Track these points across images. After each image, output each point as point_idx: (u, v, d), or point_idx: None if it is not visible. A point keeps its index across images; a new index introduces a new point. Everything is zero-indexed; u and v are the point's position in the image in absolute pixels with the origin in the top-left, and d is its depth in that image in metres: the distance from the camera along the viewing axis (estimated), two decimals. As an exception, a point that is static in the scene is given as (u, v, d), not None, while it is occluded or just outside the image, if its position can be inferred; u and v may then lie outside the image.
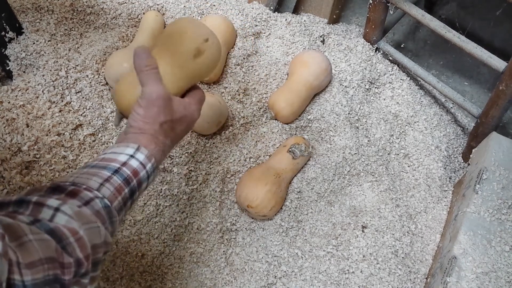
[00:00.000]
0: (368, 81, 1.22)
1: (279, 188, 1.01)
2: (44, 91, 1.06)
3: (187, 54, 0.73)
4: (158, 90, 0.68)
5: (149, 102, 0.67)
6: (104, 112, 1.08)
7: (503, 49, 1.37)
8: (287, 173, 1.04)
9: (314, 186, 1.07)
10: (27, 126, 1.02)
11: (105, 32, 1.22)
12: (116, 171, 0.62)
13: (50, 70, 1.08)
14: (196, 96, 0.76)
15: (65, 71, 1.09)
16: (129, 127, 0.68)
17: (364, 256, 1.02)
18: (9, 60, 1.10)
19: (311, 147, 1.09)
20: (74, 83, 1.09)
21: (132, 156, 0.64)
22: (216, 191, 1.04)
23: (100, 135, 1.06)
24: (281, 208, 1.05)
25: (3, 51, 1.10)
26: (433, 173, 1.15)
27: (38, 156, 1.00)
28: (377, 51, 1.29)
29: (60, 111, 1.06)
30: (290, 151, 1.05)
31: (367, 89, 1.22)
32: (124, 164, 0.63)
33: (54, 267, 0.49)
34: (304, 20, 1.32)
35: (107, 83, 1.12)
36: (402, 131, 1.20)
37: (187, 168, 1.04)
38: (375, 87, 1.24)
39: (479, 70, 1.39)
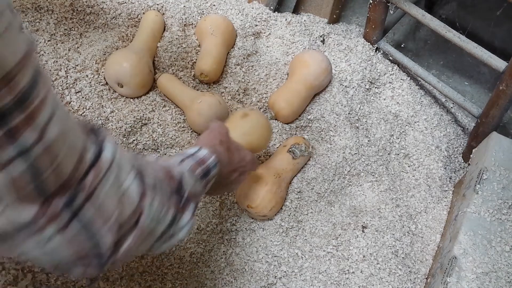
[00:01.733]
0: (368, 81, 1.22)
1: (279, 188, 1.01)
2: (44, 91, 1.06)
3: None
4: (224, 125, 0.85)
5: (213, 128, 0.82)
6: (104, 112, 1.08)
7: (503, 49, 1.36)
8: (287, 173, 1.04)
9: (314, 186, 1.07)
10: (27, 126, 1.02)
11: (105, 32, 1.22)
12: (188, 157, 0.69)
13: (50, 70, 1.08)
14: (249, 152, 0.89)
15: (65, 71, 1.09)
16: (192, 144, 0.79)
17: (364, 256, 1.02)
18: (9, 60, 1.10)
19: (311, 147, 1.09)
20: (74, 83, 1.09)
21: (197, 151, 0.72)
22: (216, 191, 1.04)
23: (100, 135, 1.06)
24: (281, 208, 1.04)
25: (2, 51, 1.09)
26: (433, 173, 1.15)
27: (37, 156, 1.00)
28: (377, 51, 1.29)
29: (60, 111, 1.05)
30: (290, 151, 1.05)
31: (367, 89, 1.22)
32: (193, 154, 0.71)
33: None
34: (304, 20, 1.32)
35: (107, 83, 1.12)
36: (402, 131, 1.20)
37: (187, 168, 1.04)
38: (375, 87, 1.24)
39: (479, 70, 1.39)
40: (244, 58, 1.21)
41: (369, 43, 1.28)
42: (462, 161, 1.20)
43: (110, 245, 0.46)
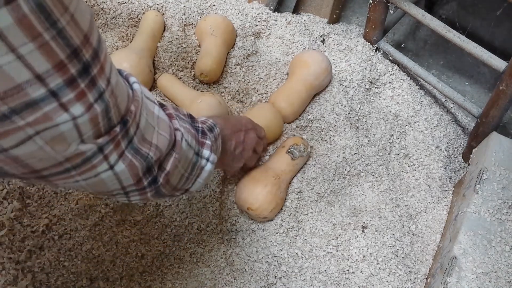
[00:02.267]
0: (368, 81, 1.22)
1: (279, 190, 1.01)
2: (44, 91, 1.06)
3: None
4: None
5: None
6: (104, 112, 1.08)
7: (503, 49, 1.36)
8: (286, 174, 1.04)
9: (314, 186, 1.07)
10: (27, 126, 1.02)
11: (105, 32, 1.22)
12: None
13: (50, 70, 1.08)
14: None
15: (65, 71, 1.09)
16: None
17: (364, 256, 1.02)
18: (9, 60, 1.10)
19: (309, 147, 1.09)
20: (74, 83, 1.09)
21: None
22: (216, 191, 1.04)
23: (100, 135, 1.06)
24: (281, 209, 1.05)
25: (2, 51, 1.09)
26: (433, 173, 1.15)
27: (37, 156, 1.00)
28: (377, 51, 1.29)
29: (60, 111, 1.06)
30: (289, 152, 1.05)
31: (367, 89, 1.22)
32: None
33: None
34: (304, 20, 1.32)
35: (107, 83, 1.12)
36: (402, 131, 1.20)
37: (187, 168, 1.04)
38: (375, 87, 1.24)
39: (479, 70, 1.39)
40: (244, 58, 1.21)
41: (369, 43, 1.28)
42: (462, 161, 1.20)
43: (156, 162, 0.57)
